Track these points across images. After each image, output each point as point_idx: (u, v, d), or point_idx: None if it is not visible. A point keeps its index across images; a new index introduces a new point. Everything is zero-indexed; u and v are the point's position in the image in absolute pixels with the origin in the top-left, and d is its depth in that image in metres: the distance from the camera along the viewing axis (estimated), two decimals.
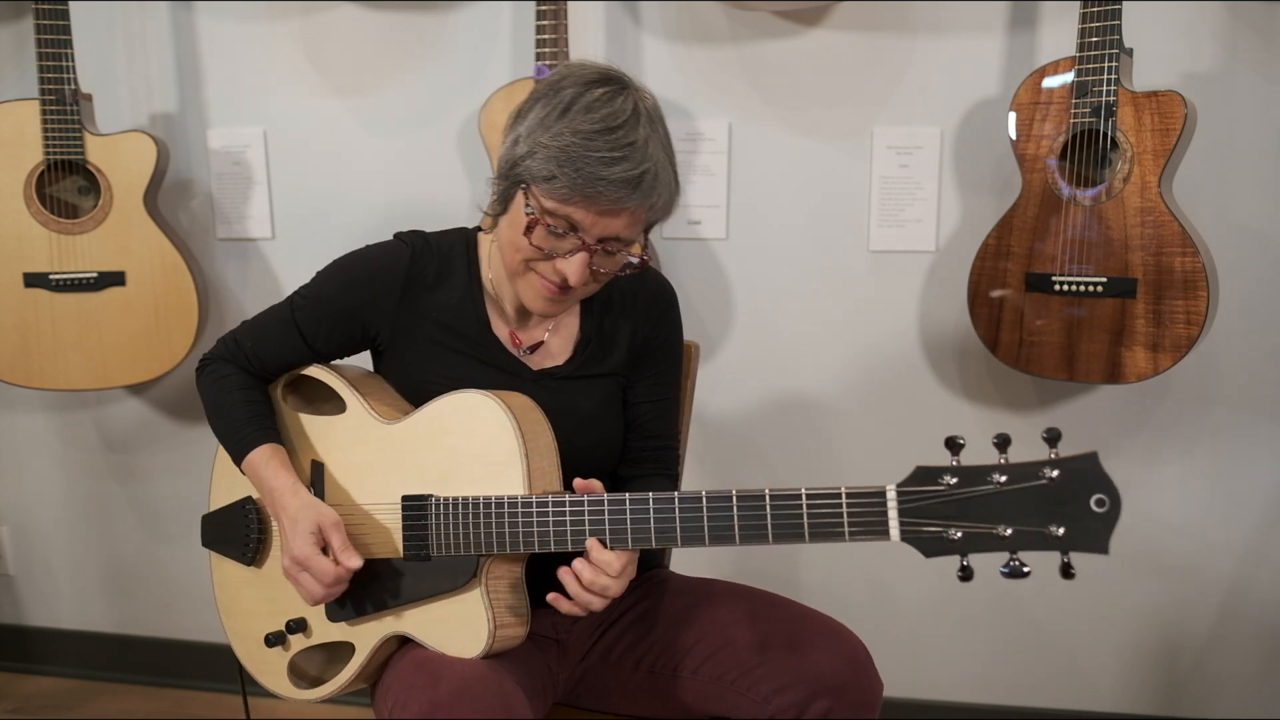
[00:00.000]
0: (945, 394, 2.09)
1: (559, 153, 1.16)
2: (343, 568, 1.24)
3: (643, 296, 1.41)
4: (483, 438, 1.24)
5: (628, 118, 1.17)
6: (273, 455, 1.33)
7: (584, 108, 1.17)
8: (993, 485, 1.02)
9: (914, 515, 1.05)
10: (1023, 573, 1.03)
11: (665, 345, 1.43)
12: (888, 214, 2.06)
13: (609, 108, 1.17)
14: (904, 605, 2.18)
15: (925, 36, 1.99)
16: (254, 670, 1.42)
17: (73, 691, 2.49)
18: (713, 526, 1.14)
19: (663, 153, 1.21)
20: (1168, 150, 1.70)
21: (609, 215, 1.19)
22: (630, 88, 1.21)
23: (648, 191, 1.18)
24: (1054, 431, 1.01)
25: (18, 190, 2.06)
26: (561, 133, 1.17)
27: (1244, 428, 1.99)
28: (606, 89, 1.19)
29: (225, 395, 1.38)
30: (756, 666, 1.25)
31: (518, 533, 1.20)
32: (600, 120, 1.16)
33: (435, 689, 1.17)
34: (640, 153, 1.17)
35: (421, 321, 1.35)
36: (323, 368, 1.40)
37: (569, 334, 1.40)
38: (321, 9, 2.20)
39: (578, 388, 1.37)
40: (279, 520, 1.30)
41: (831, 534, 1.09)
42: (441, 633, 1.25)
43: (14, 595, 2.56)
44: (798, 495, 1.10)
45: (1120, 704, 2.14)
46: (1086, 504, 1.00)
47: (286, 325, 1.37)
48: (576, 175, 1.16)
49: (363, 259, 1.37)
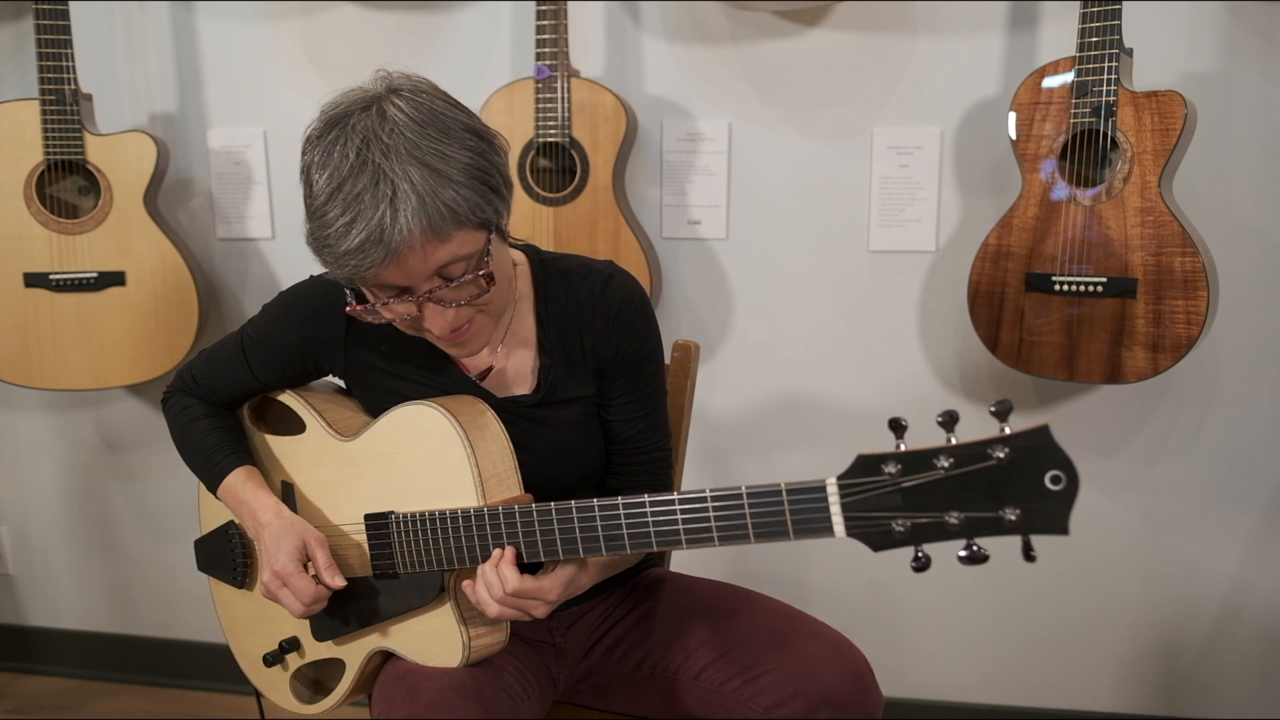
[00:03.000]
0: (945, 394, 2.09)
1: (312, 243, 1.12)
2: (322, 587, 1.24)
3: (604, 310, 1.29)
4: (435, 451, 1.22)
5: (350, 164, 1.06)
6: (248, 477, 1.33)
7: (313, 180, 1.10)
8: (939, 470, 0.94)
9: (857, 509, 0.98)
10: (982, 557, 0.94)
11: (639, 357, 1.32)
12: (888, 214, 2.06)
13: (329, 168, 1.08)
14: (904, 605, 2.18)
15: (925, 36, 1.99)
16: (261, 686, 1.44)
17: (73, 691, 2.49)
18: (658, 531, 1.09)
19: (407, 163, 1.06)
20: (1168, 150, 1.70)
21: (399, 266, 1.08)
22: (355, 115, 1.09)
23: (394, 228, 1.05)
24: (1004, 404, 0.92)
25: (18, 190, 2.06)
26: (309, 219, 1.11)
27: (1244, 427, 1.99)
28: (328, 141, 1.09)
29: (191, 425, 1.38)
30: (758, 677, 1.25)
31: (474, 545, 1.18)
32: (326, 185, 1.08)
33: (414, 701, 1.18)
34: (370, 197, 1.05)
35: (371, 355, 1.31)
36: (284, 390, 1.40)
37: (526, 358, 1.32)
38: (321, 9, 2.20)
39: (547, 415, 1.31)
40: (259, 539, 1.29)
41: (776, 533, 1.03)
42: (421, 647, 1.26)
43: (14, 595, 2.56)
44: (738, 494, 1.04)
45: (1120, 704, 2.14)
46: (1041, 483, 0.90)
47: (237, 362, 1.37)
48: (332, 261, 1.10)
49: (305, 296, 1.33)
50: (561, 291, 1.31)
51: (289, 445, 1.37)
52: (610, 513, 1.12)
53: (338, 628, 1.31)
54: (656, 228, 2.14)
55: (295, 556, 1.25)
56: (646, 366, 1.34)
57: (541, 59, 1.94)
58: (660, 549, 1.11)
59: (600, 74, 2.11)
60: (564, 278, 1.31)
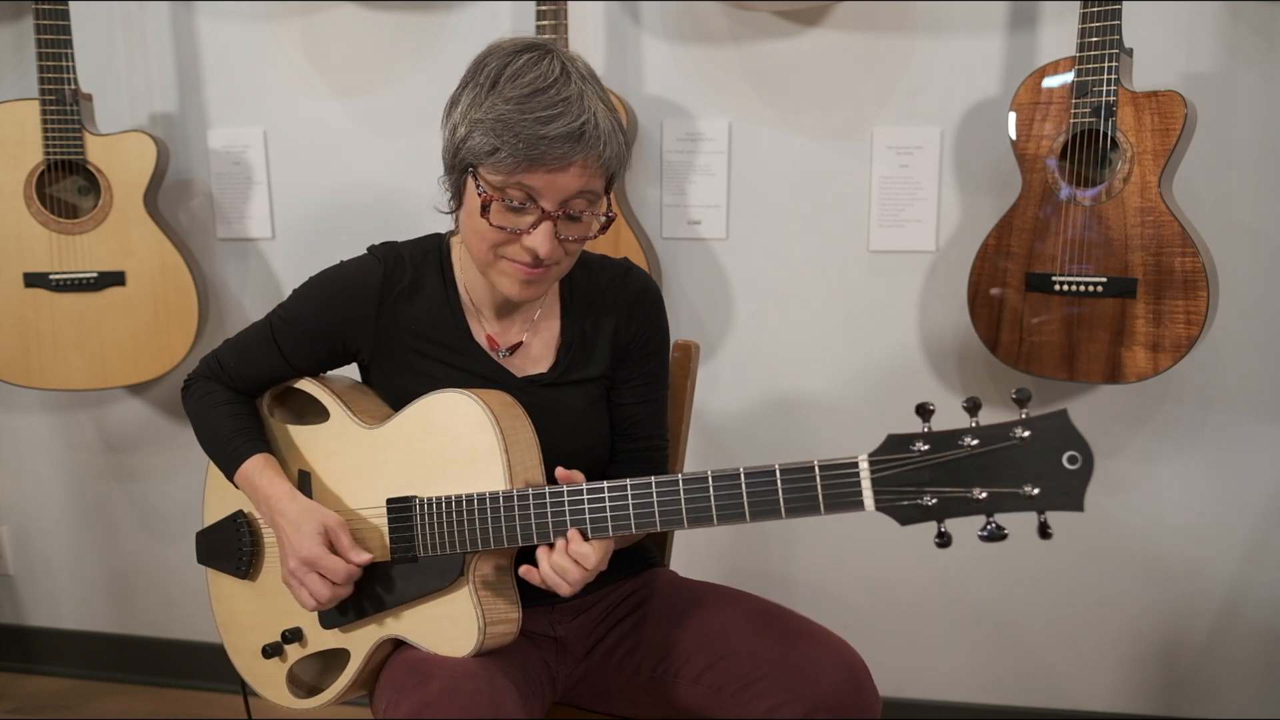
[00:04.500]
0: (945, 394, 2.09)
1: (495, 123, 1.16)
2: (354, 565, 1.25)
3: (625, 297, 1.39)
4: (463, 436, 1.23)
5: (557, 76, 1.17)
6: (265, 465, 1.33)
7: (511, 76, 1.17)
8: (964, 449, 1.02)
9: (887, 484, 1.05)
10: (1001, 535, 1.01)
11: (651, 345, 1.41)
12: (888, 214, 2.06)
13: (535, 71, 1.17)
14: (903, 604, 2.18)
15: (925, 36, 1.99)
16: (253, 682, 1.43)
17: (73, 691, 2.49)
18: (690, 508, 1.14)
19: (601, 104, 1.20)
20: (1168, 150, 1.70)
21: (559, 173, 1.17)
22: (555, 52, 1.21)
23: (591, 142, 1.17)
24: (1024, 391, 1.00)
25: (18, 190, 2.06)
26: (494, 105, 1.16)
27: (1244, 428, 1.99)
28: (530, 55, 1.19)
29: (211, 412, 1.39)
30: (756, 680, 1.25)
31: (500, 527, 1.20)
32: (529, 84, 1.16)
33: (425, 689, 1.18)
34: (576, 106, 1.16)
35: (401, 335, 1.34)
36: (306, 378, 1.40)
37: (550, 337, 1.37)
38: (321, 9, 2.20)
39: (562, 394, 1.35)
40: (278, 526, 1.29)
41: (807, 508, 1.08)
42: (433, 633, 1.26)
43: (14, 595, 2.56)
44: (771, 471, 1.10)
45: (1120, 704, 2.14)
46: (1059, 462, 0.98)
47: (267, 345, 1.38)
48: (517, 140, 1.15)
49: (336, 278, 1.36)
50: (584, 278, 1.39)
51: (310, 434, 1.37)
52: (643, 490, 1.16)
53: (348, 613, 1.30)
54: (656, 228, 2.14)
55: (320, 540, 1.25)
56: (659, 355, 1.42)
57: None
58: (691, 526, 1.15)
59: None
60: (585, 267, 1.39)
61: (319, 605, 1.27)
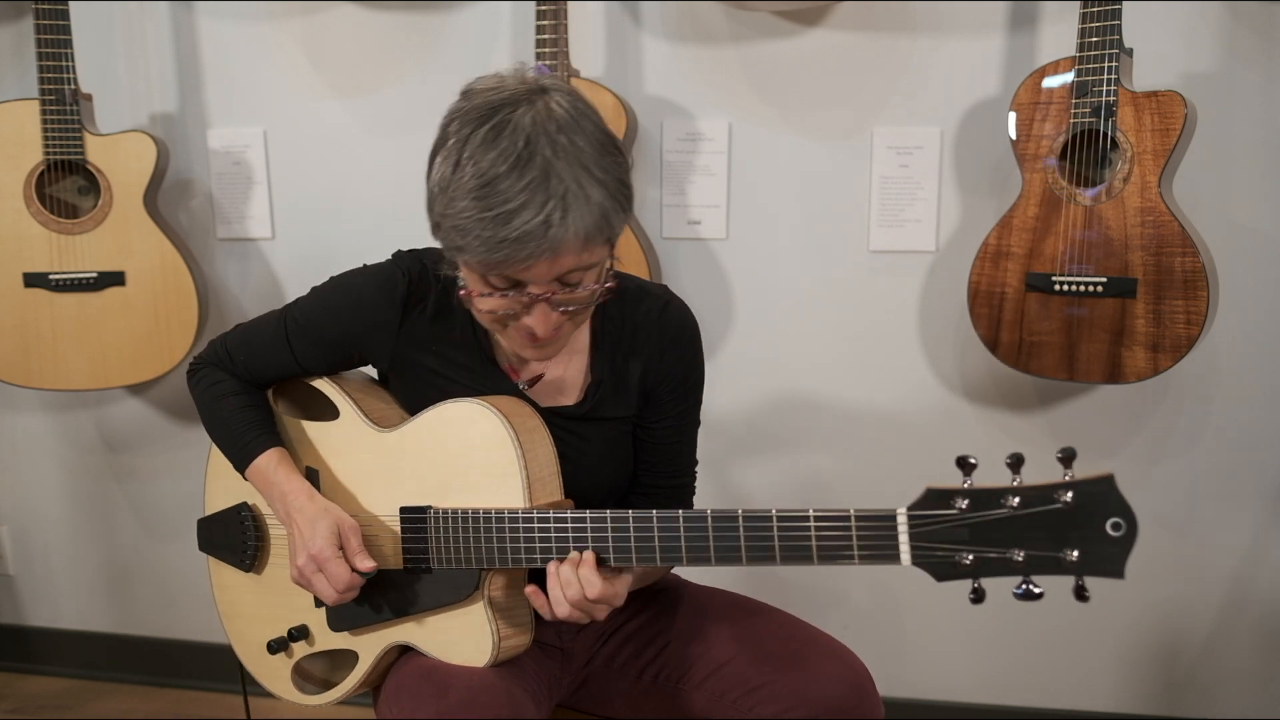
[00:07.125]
0: (945, 394, 2.09)
1: (454, 228, 1.07)
2: (356, 574, 1.23)
3: (660, 336, 1.32)
4: (480, 448, 1.21)
5: (518, 153, 1.04)
6: (281, 460, 1.31)
7: (470, 158, 1.06)
8: (1006, 509, 0.99)
9: (925, 539, 1.02)
10: (1035, 595, 1.01)
11: (688, 383, 1.36)
12: (888, 214, 2.06)
13: (494, 151, 1.05)
14: (905, 605, 2.18)
15: (925, 36, 1.99)
16: (258, 674, 1.42)
17: (73, 691, 2.49)
18: (719, 546, 1.11)
19: (575, 166, 1.06)
20: (1168, 150, 1.70)
21: (544, 264, 1.07)
22: (521, 105, 1.07)
23: (562, 227, 1.04)
24: (1069, 450, 0.97)
25: (18, 190, 2.06)
26: (454, 199, 1.07)
27: (1244, 427, 1.99)
28: (490, 126, 1.06)
29: (222, 402, 1.36)
30: (760, 687, 1.25)
31: (519, 547, 1.18)
32: (485, 172, 1.05)
33: (444, 698, 1.17)
34: (541, 192, 1.04)
35: (422, 353, 1.30)
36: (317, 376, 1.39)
37: (578, 370, 1.32)
38: (321, 9, 2.20)
39: (587, 430, 1.31)
40: (293, 523, 1.27)
41: (840, 556, 1.05)
42: (445, 643, 1.25)
43: (14, 595, 2.56)
44: (805, 516, 1.07)
45: (1120, 704, 2.14)
46: (1102, 528, 0.97)
47: (279, 343, 1.35)
48: (480, 244, 1.05)
49: (358, 287, 1.31)
50: (618, 311, 1.31)
51: (318, 431, 1.35)
52: (669, 524, 1.13)
53: (357, 618, 1.29)
54: (656, 228, 2.14)
55: (332, 541, 1.23)
56: (693, 394, 1.38)
57: (541, 59, 1.94)
58: (719, 564, 1.12)
59: (600, 74, 2.11)
60: (620, 297, 1.30)
61: (329, 601, 1.26)
